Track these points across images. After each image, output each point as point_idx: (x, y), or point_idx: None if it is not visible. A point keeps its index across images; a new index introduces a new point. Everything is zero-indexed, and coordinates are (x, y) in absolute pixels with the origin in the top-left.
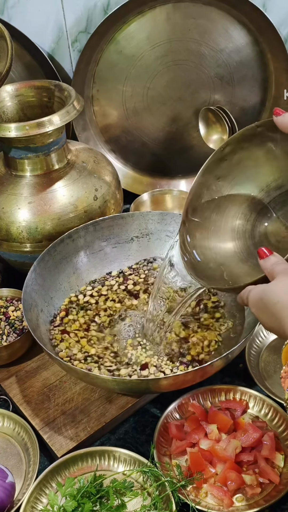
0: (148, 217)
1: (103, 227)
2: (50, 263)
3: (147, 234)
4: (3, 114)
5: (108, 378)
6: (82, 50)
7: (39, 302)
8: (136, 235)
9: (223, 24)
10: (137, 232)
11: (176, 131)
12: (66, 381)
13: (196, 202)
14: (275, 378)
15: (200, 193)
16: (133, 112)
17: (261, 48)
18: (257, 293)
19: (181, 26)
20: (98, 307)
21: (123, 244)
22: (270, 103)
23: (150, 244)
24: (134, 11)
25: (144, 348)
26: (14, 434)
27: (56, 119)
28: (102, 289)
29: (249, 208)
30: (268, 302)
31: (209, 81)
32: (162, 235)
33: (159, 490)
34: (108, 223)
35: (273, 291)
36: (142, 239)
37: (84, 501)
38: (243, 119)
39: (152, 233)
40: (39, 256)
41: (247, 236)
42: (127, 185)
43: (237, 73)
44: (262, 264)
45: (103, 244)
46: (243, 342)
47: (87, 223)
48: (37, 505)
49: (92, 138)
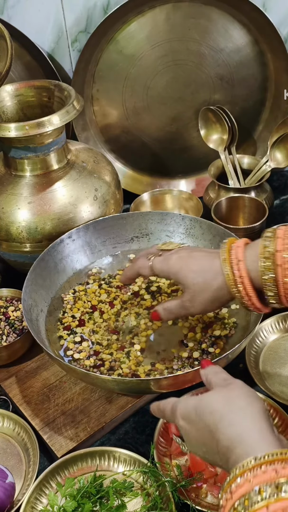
0: (148, 217)
1: (103, 227)
2: (50, 263)
3: (147, 234)
4: (3, 114)
5: (108, 378)
6: (82, 50)
7: (39, 302)
8: (136, 235)
9: (223, 24)
10: (137, 232)
11: (176, 131)
12: (66, 381)
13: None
14: (275, 378)
15: None
16: (133, 112)
17: (261, 48)
18: (190, 403)
19: (181, 26)
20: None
21: (123, 244)
22: (270, 103)
23: (150, 244)
24: (134, 11)
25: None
26: (14, 434)
27: (56, 119)
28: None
29: None
30: (203, 411)
31: (209, 81)
32: (162, 235)
33: (159, 491)
34: (108, 223)
35: (210, 401)
36: (142, 239)
37: (84, 502)
38: (243, 119)
39: (152, 233)
40: (39, 256)
41: None
42: (127, 185)
43: (237, 73)
44: (201, 373)
45: (103, 244)
46: (243, 342)
47: (87, 223)
48: (37, 505)
49: (92, 138)
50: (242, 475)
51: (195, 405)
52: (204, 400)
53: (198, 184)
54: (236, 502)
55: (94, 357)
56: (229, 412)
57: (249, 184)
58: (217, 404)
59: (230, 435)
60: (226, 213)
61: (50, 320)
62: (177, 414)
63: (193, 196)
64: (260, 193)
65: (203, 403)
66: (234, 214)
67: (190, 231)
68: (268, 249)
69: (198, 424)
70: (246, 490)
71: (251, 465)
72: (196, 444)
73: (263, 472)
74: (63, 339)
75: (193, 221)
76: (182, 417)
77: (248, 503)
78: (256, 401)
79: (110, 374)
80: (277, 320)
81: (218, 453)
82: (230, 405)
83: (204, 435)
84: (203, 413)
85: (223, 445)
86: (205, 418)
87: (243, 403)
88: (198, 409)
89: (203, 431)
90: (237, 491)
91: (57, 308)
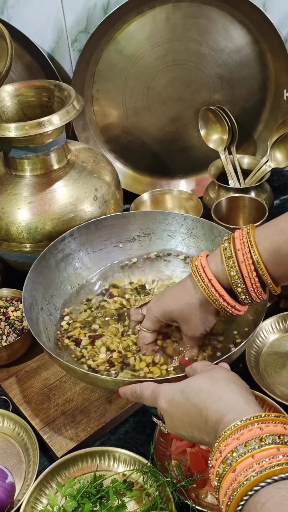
0: (150, 217)
1: (105, 226)
2: (51, 261)
3: (148, 234)
4: (3, 114)
5: (108, 379)
6: (82, 50)
7: (39, 300)
8: (138, 235)
9: (223, 24)
10: (138, 231)
11: (176, 131)
12: (66, 381)
13: None
14: (275, 378)
15: None
16: (133, 112)
17: (261, 48)
18: (174, 387)
19: (181, 26)
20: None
21: (124, 243)
22: (270, 103)
23: (152, 243)
24: (134, 11)
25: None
26: (14, 435)
27: (56, 119)
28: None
29: None
30: (190, 392)
31: (209, 81)
32: (164, 235)
33: (159, 491)
34: (110, 222)
35: (196, 382)
36: (144, 239)
37: (84, 502)
38: (243, 119)
39: (154, 233)
40: (41, 254)
41: None
42: (127, 185)
43: (237, 73)
44: (186, 369)
45: (104, 243)
46: (244, 343)
47: (89, 221)
48: (37, 505)
49: (92, 138)
50: (231, 435)
51: (181, 387)
52: (190, 382)
53: (198, 184)
54: (225, 457)
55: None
56: (216, 390)
57: (249, 184)
58: (204, 384)
59: (218, 409)
60: (226, 213)
61: (51, 319)
62: (160, 398)
63: (193, 196)
64: (260, 193)
65: (190, 385)
66: (234, 214)
67: (192, 231)
68: (228, 250)
69: (185, 405)
70: (234, 446)
71: (239, 426)
72: (181, 424)
73: (249, 430)
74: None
75: (195, 222)
76: (165, 400)
77: (236, 455)
78: (239, 380)
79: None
80: (277, 320)
81: (206, 429)
82: (216, 383)
83: (190, 414)
84: (190, 393)
85: (212, 420)
86: (192, 398)
87: (228, 381)
88: (184, 391)
89: (189, 411)
90: (225, 449)
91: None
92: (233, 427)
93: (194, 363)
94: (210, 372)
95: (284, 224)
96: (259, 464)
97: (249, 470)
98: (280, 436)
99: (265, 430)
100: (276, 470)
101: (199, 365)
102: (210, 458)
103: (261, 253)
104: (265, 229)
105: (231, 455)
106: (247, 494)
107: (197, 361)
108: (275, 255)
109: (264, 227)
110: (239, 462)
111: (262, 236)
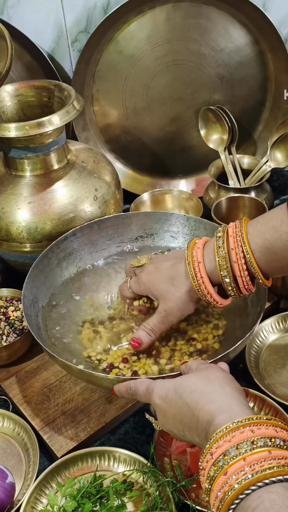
0: (153, 217)
1: (108, 225)
2: (52, 260)
3: (151, 234)
4: (3, 114)
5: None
6: (82, 50)
7: (40, 298)
8: (141, 235)
9: (223, 24)
10: (141, 231)
11: (176, 131)
12: (66, 381)
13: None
14: (275, 378)
15: None
16: (133, 112)
17: (261, 48)
18: (168, 384)
19: (181, 26)
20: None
21: (127, 243)
22: (270, 103)
23: (154, 244)
24: (134, 11)
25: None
26: (14, 435)
27: (56, 119)
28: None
29: None
30: (184, 391)
31: (209, 81)
32: (167, 235)
33: (159, 491)
34: (112, 221)
35: (190, 381)
36: (147, 239)
37: (84, 502)
38: (243, 119)
39: (157, 233)
40: (42, 253)
41: None
42: (127, 185)
43: (237, 73)
44: (182, 367)
45: (107, 242)
46: (243, 341)
47: (92, 221)
48: (37, 505)
49: (92, 138)
50: (222, 438)
51: (174, 385)
52: (184, 380)
53: (198, 184)
54: (217, 459)
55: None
56: (209, 391)
57: (249, 184)
58: (198, 384)
59: (210, 411)
60: (226, 213)
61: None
62: (153, 394)
63: (193, 196)
64: (260, 193)
65: (183, 383)
66: (234, 214)
67: (194, 232)
68: (222, 249)
69: (177, 403)
70: (225, 448)
71: (230, 428)
72: (172, 422)
73: (240, 433)
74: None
75: (198, 222)
76: (159, 396)
77: (227, 457)
78: (233, 381)
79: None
80: (277, 320)
81: (197, 429)
82: (210, 384)
83: (182, 413)
84: (184, 392)
85: (203, 420)
86: (185, 397)
87: (222, 383)
88: (178, 389)
89: (181, 409)
90: (217, 451)
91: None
92: (224, 429)
93: (190, 361)
94: (205, 372)
95: (276, 221)
96: (251, 468)
97: (241, 474)
98: (271, 439)
99: (257, 433)
100: (267, 474)
101: (194, 363)
102: (200, 460)
103: (254, 251)
104: (257, 225)
105: (222, 457)
106: (238, 497)
107: (192, 360)
108: (267, 252)
109: (256, 222)
110: (230, 465)
111: (255, 233)
